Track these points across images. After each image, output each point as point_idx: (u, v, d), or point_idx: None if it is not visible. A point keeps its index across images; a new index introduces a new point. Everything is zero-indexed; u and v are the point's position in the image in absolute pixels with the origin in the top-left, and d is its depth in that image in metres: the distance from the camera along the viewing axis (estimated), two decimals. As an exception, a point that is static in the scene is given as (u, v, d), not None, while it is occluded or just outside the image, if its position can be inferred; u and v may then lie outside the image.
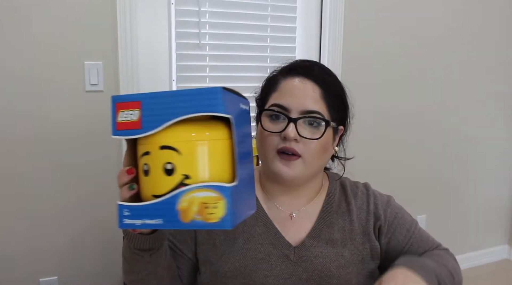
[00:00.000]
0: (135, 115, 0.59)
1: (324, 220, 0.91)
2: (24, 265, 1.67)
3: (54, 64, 1.59)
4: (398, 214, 0.94)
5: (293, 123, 0.80)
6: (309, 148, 0.82)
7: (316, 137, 0.82)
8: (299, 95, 0.82)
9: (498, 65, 2.51)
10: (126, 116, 0.60)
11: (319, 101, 0.83)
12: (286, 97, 0.83)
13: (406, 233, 0.93)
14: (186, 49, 1.83)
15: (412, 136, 2.35)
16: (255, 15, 1.92)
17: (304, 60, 0.91)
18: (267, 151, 0.84)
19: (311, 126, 0.82)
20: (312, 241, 0.88)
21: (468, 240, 2.67)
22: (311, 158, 0.83)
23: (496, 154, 2.64)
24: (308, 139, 0.81)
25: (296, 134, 0.80)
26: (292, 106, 0.82)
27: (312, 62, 0.89)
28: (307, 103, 0.82)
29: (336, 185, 0.96)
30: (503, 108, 2.60)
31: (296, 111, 0.82)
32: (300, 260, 0.87)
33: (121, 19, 1.65)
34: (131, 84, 1.70)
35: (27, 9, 1.53)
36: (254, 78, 1.97)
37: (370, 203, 0.93)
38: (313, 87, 0.83)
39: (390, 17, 2.16)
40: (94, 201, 1.73)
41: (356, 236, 0.91)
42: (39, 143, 1.62)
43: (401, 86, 2.26)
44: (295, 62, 0.91)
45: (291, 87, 0.84)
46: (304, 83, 0.83)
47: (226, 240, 0.88)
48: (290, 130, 0.80)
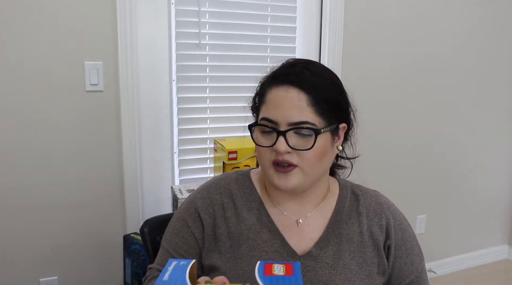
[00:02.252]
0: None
1: (333, 230, 0.88)
2: (24, 265, 1.67)
3: (54, 64, 1.60)
4: (409, 242, 0.92)
5: (282, 136, 0.79)
6: (303, 157, 0.80)
7: (308, 148, 0.79)
8: (284, 107, 0.79)
9: (499, 65, 2.51)
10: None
11: (305, 110, 0.79)
12: (272, 109, 0.81)
13: (411, 267, 0.92)
14: (186, 49, 1.83)
15: (412, 136, 2.35)
16: (255, 15, 1.92)
17: (290, 64, 0.86)
18: (264, 163, 0.84)
19: (302, 135, 0.80)
20: (319, 252, 0.86)
21: (468, 240, 2.67)
22: (308, 166, 0.81)
23: (496, 154, 2.64)
24: (300, 150, 0.80)
25: (287, 147, 0.79)
26: (279, 118, 0.80)
27: (298, 66, 0.84)
28: (293, 115, 0.79)
29: (347, 193, 0.93)
30: (503, 108, 2.60)
31: (283, 123, 0.79)
32: (305, 270, 0.85)
33: (121, 19, 1.65)
34: (131, 84, 1.70)
35: (27, 9, 1.53)
36: (254, 78, 1.96)
37: (383, 217, 0.91)
38: (299, 96, 0.79)
39: (390, 17, 2.16)
40: (94, 201, 1.73)
41: (366, 249, 0.88)
42: (39, 143, 1.62)
43: (401, 86, 2.26)
44: (282, 67, 0.86)
45: (276, 98, 0.81)
46: (288, 92, 0.80)
47: (232, 247, 0.87)
48: (281, 144, 0.78)
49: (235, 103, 1.92)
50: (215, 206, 0.90)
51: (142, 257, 1.59)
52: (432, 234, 2.50)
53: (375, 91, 2.19)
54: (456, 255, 2.64)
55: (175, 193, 1.61)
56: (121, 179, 1.75)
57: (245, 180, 0.93)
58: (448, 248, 2.61)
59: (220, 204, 0.90)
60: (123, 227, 1.78)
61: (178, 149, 1.88)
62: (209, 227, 0.89)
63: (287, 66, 0.86)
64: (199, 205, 0.91)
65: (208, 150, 1.93)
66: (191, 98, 1.87)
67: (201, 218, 0.90)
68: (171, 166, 1.89)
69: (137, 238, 1.63)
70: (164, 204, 1.88)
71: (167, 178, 1.89)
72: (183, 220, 0.92)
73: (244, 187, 0.92)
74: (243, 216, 0.88)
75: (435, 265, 2.51)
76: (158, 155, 1.86)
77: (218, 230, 0.88)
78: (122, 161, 1.74)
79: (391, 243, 0.90)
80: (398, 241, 0.90)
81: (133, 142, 1.74)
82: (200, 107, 1.89)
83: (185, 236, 0.90)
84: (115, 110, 1.71)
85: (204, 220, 0.89)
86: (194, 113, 1.89)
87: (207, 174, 1.94)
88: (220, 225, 0.88)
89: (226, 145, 1.65)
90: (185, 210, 0.93)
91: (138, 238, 1.63)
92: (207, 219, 0.89)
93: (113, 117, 1.71)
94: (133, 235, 1.67)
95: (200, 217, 0.90)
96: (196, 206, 0.91)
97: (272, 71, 0.87)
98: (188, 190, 1.64)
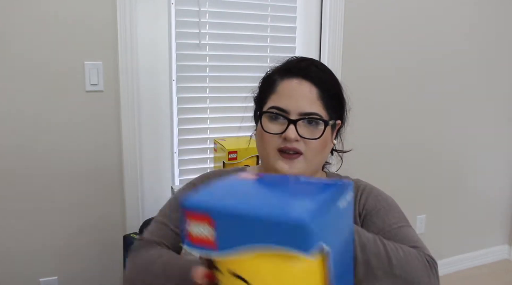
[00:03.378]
0: (208, 231, 0.48)
1: None
2: (24, 265, 1.67)
3: (54, 64, 1.60)
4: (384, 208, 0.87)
5: (293, 125, 0.83)
6: (309, 146, 0.85)
7: (316, 137, 0.84)
8: (297, 97, 0.85)
9: (499, 65, 2.51)
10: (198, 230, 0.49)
11: (316, 102, 0.85)
12: (284, 99, 0.85)
13: (382, 225, 0.84)
14: (186, 49, 1.83)
15: (412, 135, 2.35)
16: (255, 15, 1.92)
17: (300, 59, 0.92)
18: (268, 150, 0.86)
19: (310, 125, 0.85)
20: None
21: (468, 240, 2.67)
22: (312, 155, 0.85)
23: (496, 154, 2.64)
24: (308, 139, 0.84)
25: (296, 135, 0.83)
26: (291, 108, 0.84)
27: (308, 61, 0.90)
28: (305, 105, 0.84)
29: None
30: (504, 108, 2.60)
31: (294, 113, 0.84)
32: None
33: (121, 19, 1.65)
34: (131, 84, 1.70)
35: (27, 9, 1.53)
36: (254, 78, 1.96)
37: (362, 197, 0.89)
38: (310, 89, 0.85)
39: (391, 17, 2.16)
40: (94, 201, 1.73)
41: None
42: (39, 143, 1.62)
43: (401, 85, 2.26)
44: (291, 62, 0.91)
45: (289, 89, 0.86)
46: (301, 84, 0.85)
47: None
48: (291, 132, 0.83)
49: (235, 103, 1.92)
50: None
51: (142, 257, 1.58)
52: (432, 234, 2.50)
53: (375, 91, 2.19)
54: (456, 255, 2.64)
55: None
56: (121, 179, 1.75)
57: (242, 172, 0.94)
58: (448, 248, 2.61)
59: None
60: (123, 227, 1.78)
61: (178, 149, 1.88)
62: None
63: (296, 61, 0.91)
64: (198, 184, 0.94)
65: (208, 150, 1.93)
66: (191, 98, 1.87)
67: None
68: (171, 166, 1.89)
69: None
70: (164, 204, 1.88)
71: (167, 178, 1.89)
72: (179, 198, 0.92)
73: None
74: None
75: (435, 265, 2.51)
76: (158, 155, 1.86)
77: None
78: (122, 161, 1.74)
79: (365, 215, 0.86)
80: (372, 210, 0.86)
81: (133, 142, 1.74)
82: (200, 107, 1.89)
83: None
84: (115, 110, 1.71)
85: None
86: (194, 113, 1.89)
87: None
88: None
89: (226, 145, 1.65)
90: (182, 189, 0.97)
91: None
92: None
93: (113, 117, 1.71)
94: (133, 235, 1.67)
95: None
96: (195, 185, 0.94)
97: (282, 64, 0.92)
98: (188, 190, 1.63)
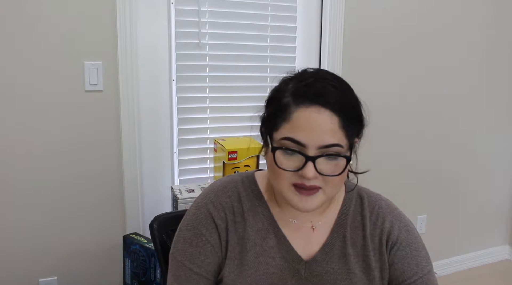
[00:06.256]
0: None
1: (338, 234, 0.87)
2: (24, 265, 1.67)
3: (54, 64, 1.59)
4: (414, 244, 0.88)
5: (312, 162, 0.73)
6: (329, 181, 0.76)
7: (337, 173, 0.75)
8: (316, 129, 0.73)
9: (499, 65, 2.51)
10: None
11: (337, 132, 0.74)
12: (301, 131, 0.73)
13: (415, 268, 0.86)
14: (186, 49, 1.82)
15: (412, 136, 2.35)
16: (255, 14, 1.92)
17: (314, 78, 0.77)
18: (282, 184, 0.77)
19: (330, 160, 0.75)
20: (324, 256, 0.86)
21: (468, 240, 2.66)
22: (331, 189, 0.78)
23: (496, 154, 2.64)
24: (328, 176, 0.75)
25: (315, 173, 0.73)
26: (309, 141, 0.73)
27: (325, 81, 0.77)
28: (325, 138, 0.73)
29: (353, 196, 0.91)
30: (504, 108, 2.60)
31: (313, 146, 0.73)
32: (310, 276, 0.84)
33: (121, 19, 1.65)
34: (131, 84, 1.70)
35: (27, 9, 1.53)
36: (254, 78, 1.97)
37: (386, 220, 0.88)
38: (331, 118, 0.73)
39: (391, 17, 2.16)
40: (93, 201, 1.73)
41: (369, 253, 0.86)
42: (39, 143, 1.62)
43: (401, 86, 2.26)
44: (305, 84, 0.76)
45: (306, 119, 0.73)
46: (320, 114, 0.73)
47: (240, 253, 0.85)
48: (309, 170, 0.73)
49: (235, 103, 1.92)
50: (226, 210, 0.86)
51: (142, 257, 1.58)
52: (432, 234, 2.50)
53: (375, 91, 2.19)
54: (456, 255, 2.64)
55: (175, 193, 1.61)
56: (121, 179, 1.75)
57: (251, 184, 0.89)
58: (448, 248, 2.61)
59: (231, 208, 0.86)
60: (123, 227, 1.77)
61: (178, 149, 1.88)
62: (223, 232, 0.85)
63: (311, 82, 0.77)
64: (211, 210, 0.85)
65: (208, 150, 1.93)
66: (191, 98, 1.87)
67: (216, 223, 0.85)
68: (171, 166, 1.88)
69: (137, 238, 1.63)
70: (164, 204, 1.88)
71: (167, 178, 1.89)
72: (194, 229, 0.85)
73: (250, 191, 0.88)
74: (250, 221, 0.86)
75: (435, 266, 2.51)
76: (158, 155, 1.86)
77: (230, 235, 0.85)
78: (122, 161, 1.73)
79: (394, 244, 0.87)
80: (403, 241, 0.87)
81: (133, 142, 1.74)
82: (200, 107, 1.89)
83: (200, 245, 0.85)
84: (115, 110, 1.70)
85: (219, 225, 0.85)
86: (194, 113, 1.89)
87: (207, 174, 1.94)
88: (231, 229, 0.85)
89: (226, 145, 1.65)
90: (194, 217, 0.86)
91: (138, 238, 1.63)
92: (220, 224, 0.85)
93: (113, 117, 1.71)
94: (133, 235, 1.67)
95: (214, 222, 0.85)
96: (208, 211, 0.85)
97: (294, 84, 0.77)
98: (188, 190, 1.63)
